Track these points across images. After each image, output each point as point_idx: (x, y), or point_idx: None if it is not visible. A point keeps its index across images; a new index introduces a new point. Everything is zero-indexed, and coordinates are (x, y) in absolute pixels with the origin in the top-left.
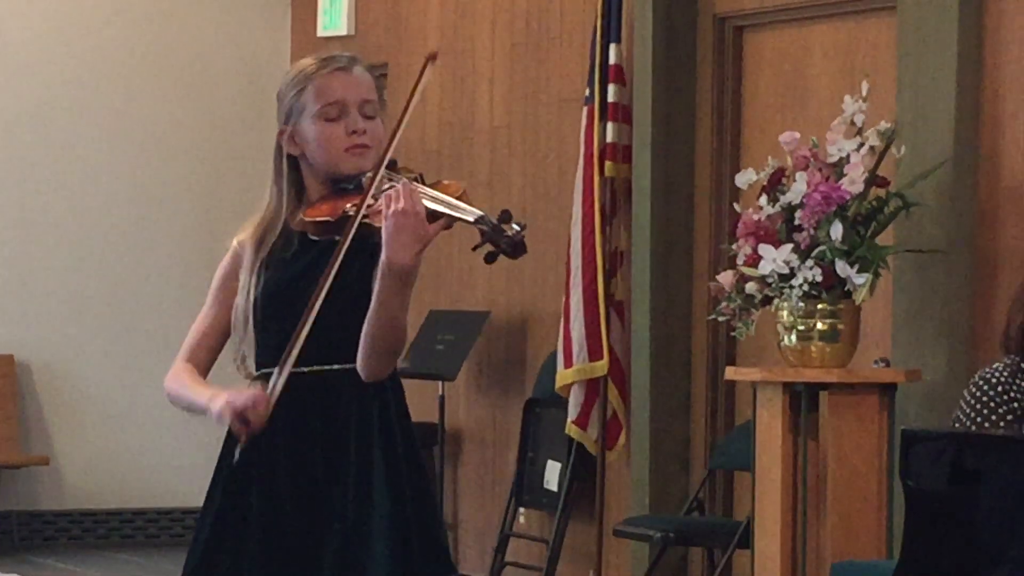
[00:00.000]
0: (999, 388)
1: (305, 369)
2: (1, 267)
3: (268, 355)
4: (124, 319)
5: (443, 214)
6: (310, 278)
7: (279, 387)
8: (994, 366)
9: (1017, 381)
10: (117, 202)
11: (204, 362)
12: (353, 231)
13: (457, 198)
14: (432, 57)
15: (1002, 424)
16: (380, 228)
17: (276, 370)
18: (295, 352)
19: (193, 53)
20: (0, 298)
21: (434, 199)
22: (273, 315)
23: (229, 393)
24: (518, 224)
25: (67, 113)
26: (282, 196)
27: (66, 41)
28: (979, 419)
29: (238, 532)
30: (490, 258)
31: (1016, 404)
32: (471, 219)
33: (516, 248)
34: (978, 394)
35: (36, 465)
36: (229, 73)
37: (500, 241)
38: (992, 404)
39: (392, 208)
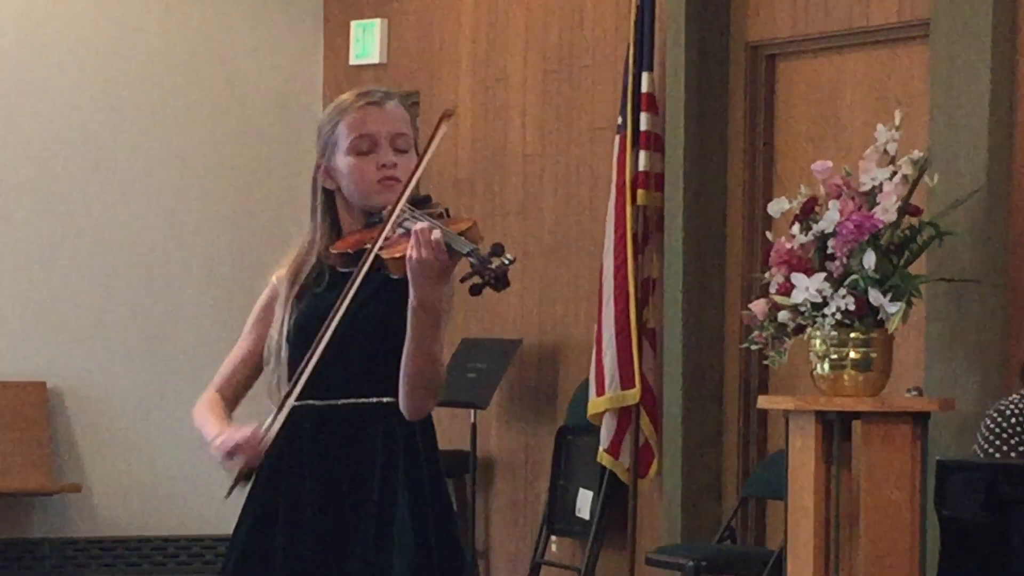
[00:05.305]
0: (1012, 420)
1: (333, 402)
2: (32, 293)
3: None
4: (155, 345)
5: (453, 250)
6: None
7: (276, 425)
8: (1010, 398)
9: None
10: (148, 228)
11: (233, 394)
12: (368, 263)
13: (464, 231)
14: (448, 114)
15: (1013, 455)
16: (396, 260)
17: (275, 409)
18: (295, 391)
19: (226, 80)
20: (31, 325)
21: (445, 234)
22: (302, 347)
23: (225, 432)
24: (507, 258)
25: (98, 138)
26: (316, 230)
27: (98, 67)
28: (991, 450)
29: (264, 561)
30: (475, 290)
31: None
32: (464, 251)
33: (499, 280)
34: (992, 425)
35: (68, 492)
36: (262, 101)
37: (485, 273)
38: (1005, 435)
39: (415, 256)
